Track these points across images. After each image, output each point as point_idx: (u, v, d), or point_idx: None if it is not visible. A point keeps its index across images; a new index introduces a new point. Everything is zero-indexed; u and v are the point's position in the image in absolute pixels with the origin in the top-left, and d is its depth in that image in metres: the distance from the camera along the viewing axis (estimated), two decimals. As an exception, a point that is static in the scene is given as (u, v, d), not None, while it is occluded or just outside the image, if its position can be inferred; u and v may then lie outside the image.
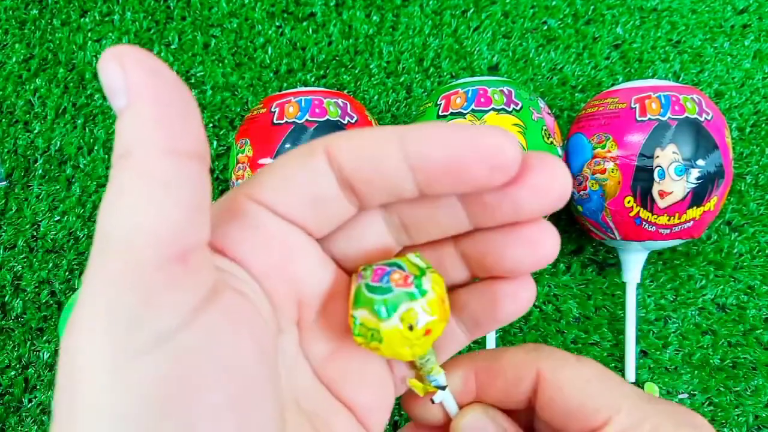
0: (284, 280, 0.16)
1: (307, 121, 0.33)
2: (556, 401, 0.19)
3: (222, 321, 0.14)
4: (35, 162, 0.41)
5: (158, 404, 0.12)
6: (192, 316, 0.13)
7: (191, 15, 0.44)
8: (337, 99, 0.34)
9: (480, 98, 0.33)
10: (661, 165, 0.32)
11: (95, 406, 0.12)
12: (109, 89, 0.13)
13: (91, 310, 0.12)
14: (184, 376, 0.13)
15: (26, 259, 0.40)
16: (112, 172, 0.13)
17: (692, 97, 0.34)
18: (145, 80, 0.13)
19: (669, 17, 0.44)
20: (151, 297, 0.12)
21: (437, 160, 0.15)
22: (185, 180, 0.13)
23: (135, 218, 0.12)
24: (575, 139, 0.36)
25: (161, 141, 0.13)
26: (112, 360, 0.12)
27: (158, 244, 0.13)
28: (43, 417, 0.37)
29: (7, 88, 0.42)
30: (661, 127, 0.33)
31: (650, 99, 0.33)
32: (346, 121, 0.33)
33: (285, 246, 0.16)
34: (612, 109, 0.34)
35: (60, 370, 0.13)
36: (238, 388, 0.13)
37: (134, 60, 0.13)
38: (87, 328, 0.12)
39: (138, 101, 0.13)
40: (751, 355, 0.39)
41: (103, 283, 0.12)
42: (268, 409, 0.14)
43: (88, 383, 0.12)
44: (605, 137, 0.34)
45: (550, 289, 0.40)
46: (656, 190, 0.33)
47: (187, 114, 0.14)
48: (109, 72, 0.13)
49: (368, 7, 0.44)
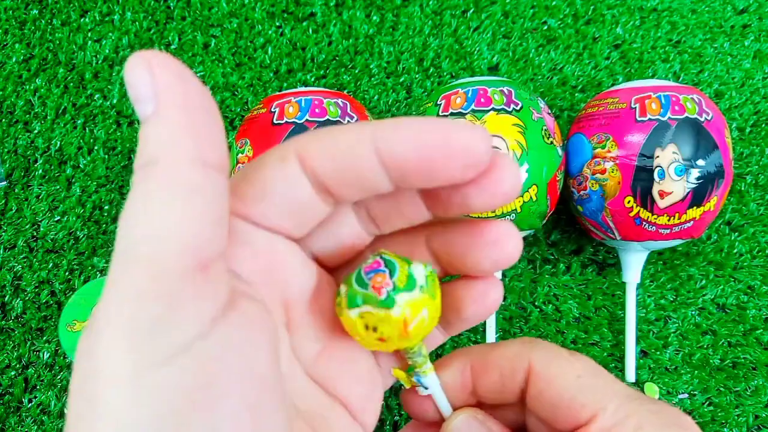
0: (272, 286, 0.17)
1: (307, 121, 0.33)
2: (545, 394, 0.19)
3: (240, 329, 0.14)
4: (35, 162, 0.41)
5: (179, 412, 0.12)
6: (212, 324, 0.13)
7: (191, 15, 0.44)
8: (337, 99, 0.34)
9: (480, 98, 0.33)
10: (661, 165, 0.32)
11: (116, 414, 0.12)
12: (135, 95, 0.13)
13: (113, 317, 0.12)
14: (205, 384, 0.13)
15: (26, 259, 0.40)
16: (136, 180, 0.13)
17: (692, 97, 0.34)
18: (174, 86, 0.13)
19: (669, 17, 0.44)
20: (175, 306, 0.12)
21: (410, 159, 0.15)
22: (210, 191, 0.13)
23: (161, 226, 0.12)
24: (575, 139, 0.36)
25: (190, 150, 0.13)
26: (133, 368, 0.12)
27: (183, 254, 0.13)
28: (43, 417, 0.37)
29: (7, 88, 0.42)
30: (661, 127, 0.33)
31: (650, 99, 0.33)
32: (346, 121, 0.33)
33: (270, 255, 0.16)
34: (612, 109, 0.34)
35: (76, 373, 0.13)
36: (256, 395, 0.14)
37: (163, 65, 0.13)
38: (109, 335, 0.12)
39: (166, 108, 0.13)
40: (751, 355, 0.39)
41: (126, 290, 0.12)
42: (281, 414, 0.15)
43: (110, 390, 0.12)
44: (605, 137, 0.34)
45: (550, 289, 0.40)
46: (656, 190, 0.33)
47: (213, 124, 0.14)
48: (136, 77, 0.13)
49: (368, 7, 0.44)
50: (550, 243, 0.40)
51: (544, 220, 0.35)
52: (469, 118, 0.33)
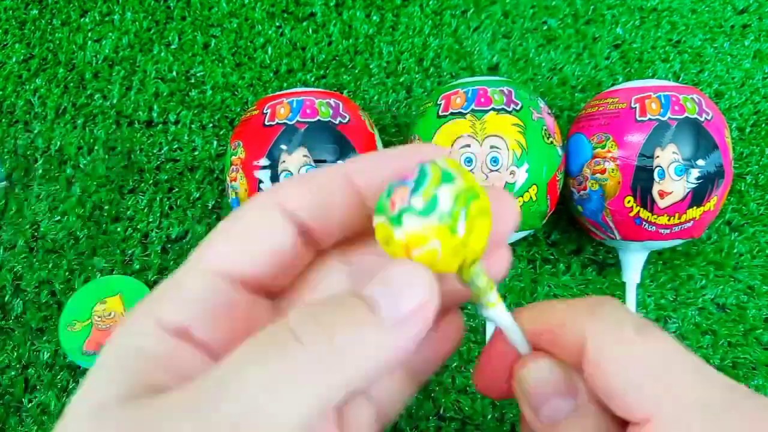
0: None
1: (298, 122, 0.33)
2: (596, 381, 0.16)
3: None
4: (35, 162, 0.41)
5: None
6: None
7: (191, 15, 0.44)
8: (329, 99, 0.34)
9: (480, 98, 0.33)
10: (661, 165, 0.32)
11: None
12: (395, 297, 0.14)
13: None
14: None
15: (26, 259, 0.40)
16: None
17: (692, 97, 0.33)
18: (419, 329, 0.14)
19: (669, 17, 0.44)
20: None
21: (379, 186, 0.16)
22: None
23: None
24: (575, 139, 0.36)
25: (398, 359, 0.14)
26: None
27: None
28: (43, 417, 0.37)
29: (7, 88, 0.42)
30: (661, 127, 0.33)
31: (650, 99, 0.33)
32: (338, 121, 0.33)
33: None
34: (612, 109, 0.34)
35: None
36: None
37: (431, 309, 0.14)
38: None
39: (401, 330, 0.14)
40: (751, 355, 0.39)
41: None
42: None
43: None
44: (605, 137, 0.34)
45: (550, 289, 0.40)
46: (656, 190, 0.33)
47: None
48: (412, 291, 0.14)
49: (368, 7, 0.44)
50: (550, 243, 0.40)
51: (544, 220, 0.35)
52: (469, 118, 0.33)
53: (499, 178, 0.32)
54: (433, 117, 0.34)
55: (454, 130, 0.33)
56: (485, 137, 0.32)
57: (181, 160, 0.41)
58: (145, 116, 0.42)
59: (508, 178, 0.32)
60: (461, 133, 0.33)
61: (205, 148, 0.41)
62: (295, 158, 0.32)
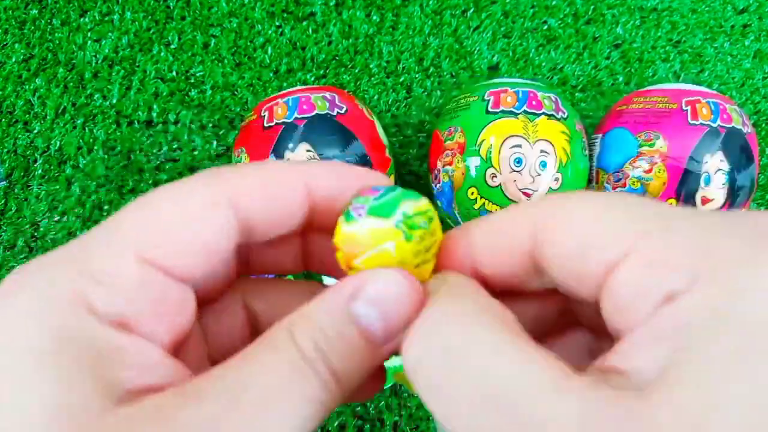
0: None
1: (297, 119, 0.33)
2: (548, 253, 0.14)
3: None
4: (35, 162, 0.41)
5: None
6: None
7: (191, 15, 0.44)
8: (325, 93, 0.34)
9: (531, 100, 0.33)
10: (708, 171, 0.32)
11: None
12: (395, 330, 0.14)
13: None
14: None
15: (26, 259, 0.39)
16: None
17: (735, 108, 0.33)
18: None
19: (669, 17, 0.44)
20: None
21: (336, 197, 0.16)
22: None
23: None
24: (617, 133, 0.35)
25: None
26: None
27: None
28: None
29: (7, 88, 0.42)
30: (712, 134, 0.32)
31: (700, 104, 0.33)
32: (335, 112, 0.33)
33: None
34: (662, 108, 0.34)
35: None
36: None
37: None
38: None
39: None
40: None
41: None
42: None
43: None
44: (654, 135, 0.33)
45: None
46: (699, 196, 0.32)
47: None
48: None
49: (368, 6, 0.44)
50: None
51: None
52: (521, 119, 0.33)
53: (546, 182, 0.32)
54: (482, 112, 0.33)
55: (506, 128, 0.33)
56: (536, 140, 0.32)
57: (180, 160, 0.41)
58: (145, 116, 0.42)
59: (553, 184, 0.32)
60: (513, 132, 0.32)
61: (205, 148, 0.41)
62: (298, 154, 0.32)
